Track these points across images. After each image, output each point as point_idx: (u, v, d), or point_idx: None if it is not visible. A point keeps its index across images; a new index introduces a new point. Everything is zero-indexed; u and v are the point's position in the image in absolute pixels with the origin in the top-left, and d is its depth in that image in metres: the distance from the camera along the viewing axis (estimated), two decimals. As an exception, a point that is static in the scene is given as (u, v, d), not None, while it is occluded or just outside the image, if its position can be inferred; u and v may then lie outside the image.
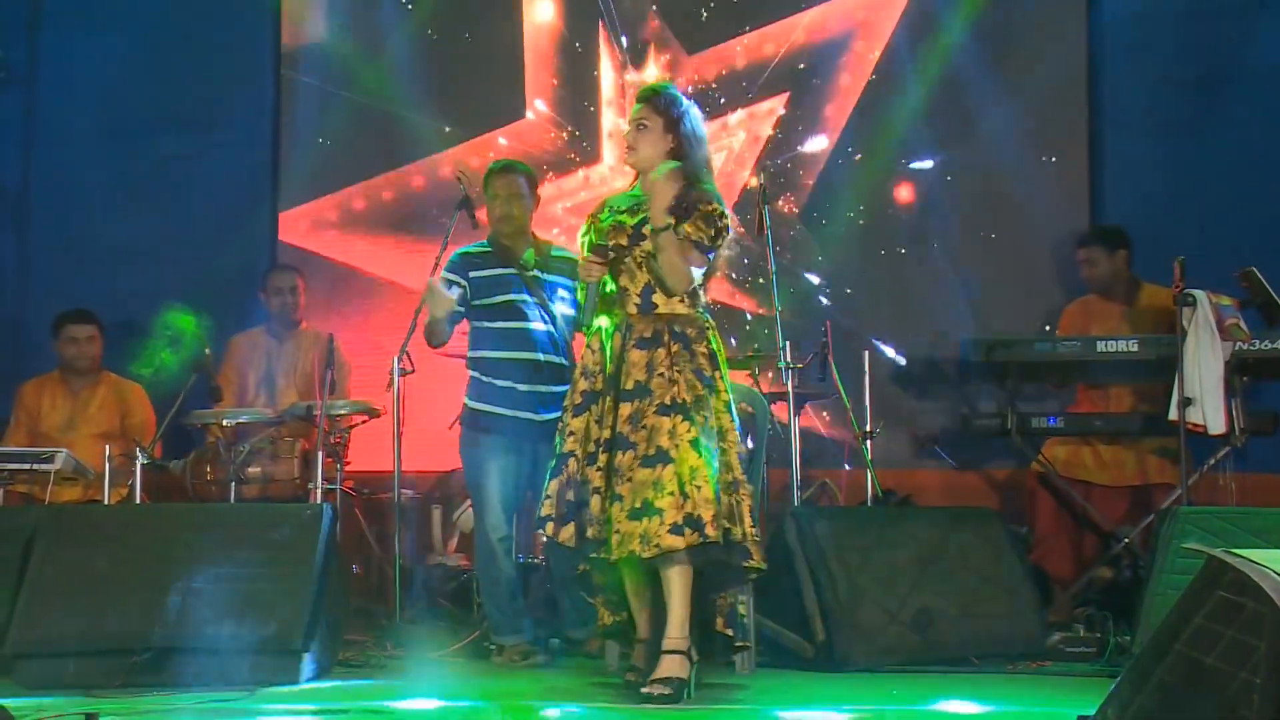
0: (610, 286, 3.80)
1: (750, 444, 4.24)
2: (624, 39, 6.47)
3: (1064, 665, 4.31)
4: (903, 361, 6.03)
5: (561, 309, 4.58)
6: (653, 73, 6.44)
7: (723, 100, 6.36)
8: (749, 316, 6.20)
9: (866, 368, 5.25)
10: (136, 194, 6.42)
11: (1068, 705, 3.22)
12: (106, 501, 5.02)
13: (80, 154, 6.47)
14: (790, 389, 4.92)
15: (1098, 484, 5.15)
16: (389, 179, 6.48)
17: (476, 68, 6.52)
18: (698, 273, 3.76)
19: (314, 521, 4.13)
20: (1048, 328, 5.77)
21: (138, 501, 5.00)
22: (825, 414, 6.00)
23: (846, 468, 5.75)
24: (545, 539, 3.81)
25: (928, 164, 6.20)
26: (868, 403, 5.23)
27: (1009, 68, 6.16)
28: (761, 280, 5.88)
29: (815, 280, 6.21)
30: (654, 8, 6.46)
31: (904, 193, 6.22)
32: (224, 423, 5.24)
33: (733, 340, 6.03)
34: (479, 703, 3.68)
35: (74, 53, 6.53)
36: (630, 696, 3.60)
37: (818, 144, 6.30)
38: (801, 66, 6.33)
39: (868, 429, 5.19)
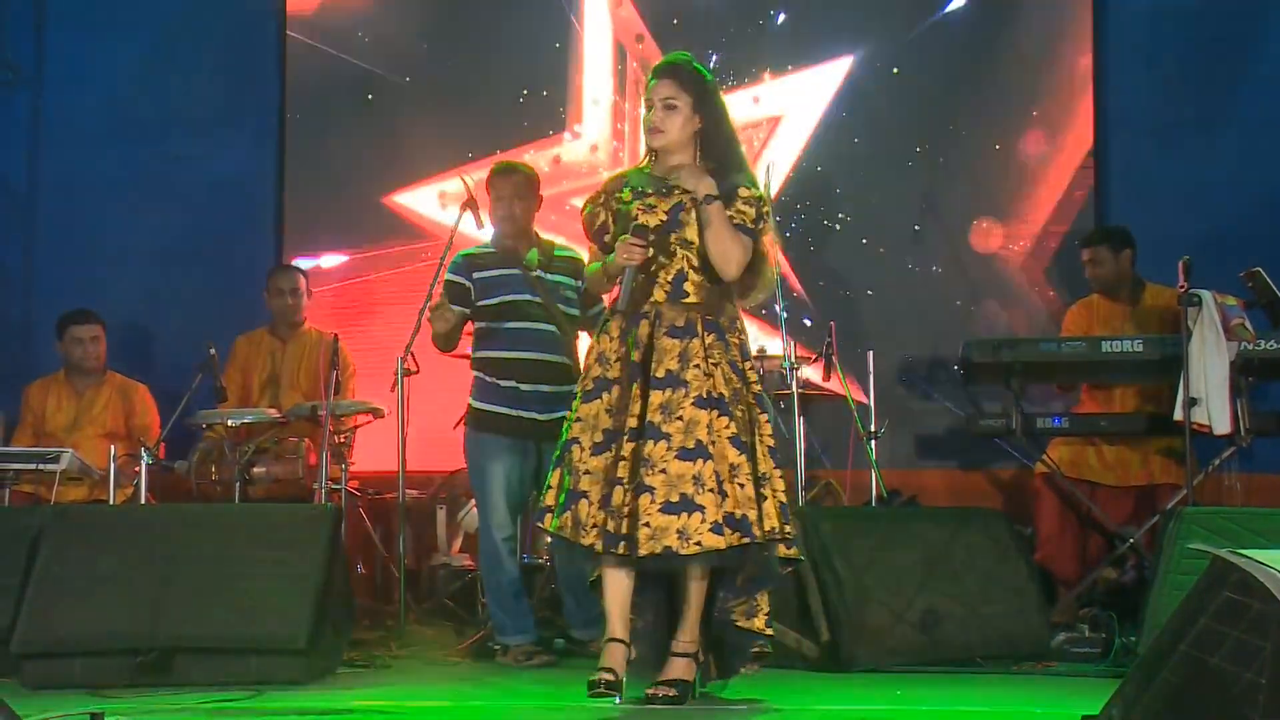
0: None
1: None
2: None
3: (1069, 666, 4.31)
4: None
5: (565, 309, 4.58)
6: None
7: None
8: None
9: (871, 368, 5.26)
10: (143, 194, 6.43)
11: (1073, 706, 3.21)
12: (112, 501, 5.03)
13: (87, 155, 6.49)
14: (794, 389, 4.93)
15: (1103, 484, 5.14)
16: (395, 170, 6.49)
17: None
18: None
19: (318, 522, 4.13)
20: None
21: (143, 501, 5.01)
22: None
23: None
24: (539, 528, 3.62)
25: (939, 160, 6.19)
26: (872, 403, 5.23)
27: (1015, 66, 6.15)
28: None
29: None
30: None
31: (907, 190, 6.21)
32: (229, 423, 5.25)
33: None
34: (483, 703, 3.69)
35: (81, 54, 6.54)
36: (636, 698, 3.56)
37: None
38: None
39: (872, 429, 5.19)
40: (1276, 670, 2.12)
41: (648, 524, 3.33)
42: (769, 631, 3.59)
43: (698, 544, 3.32)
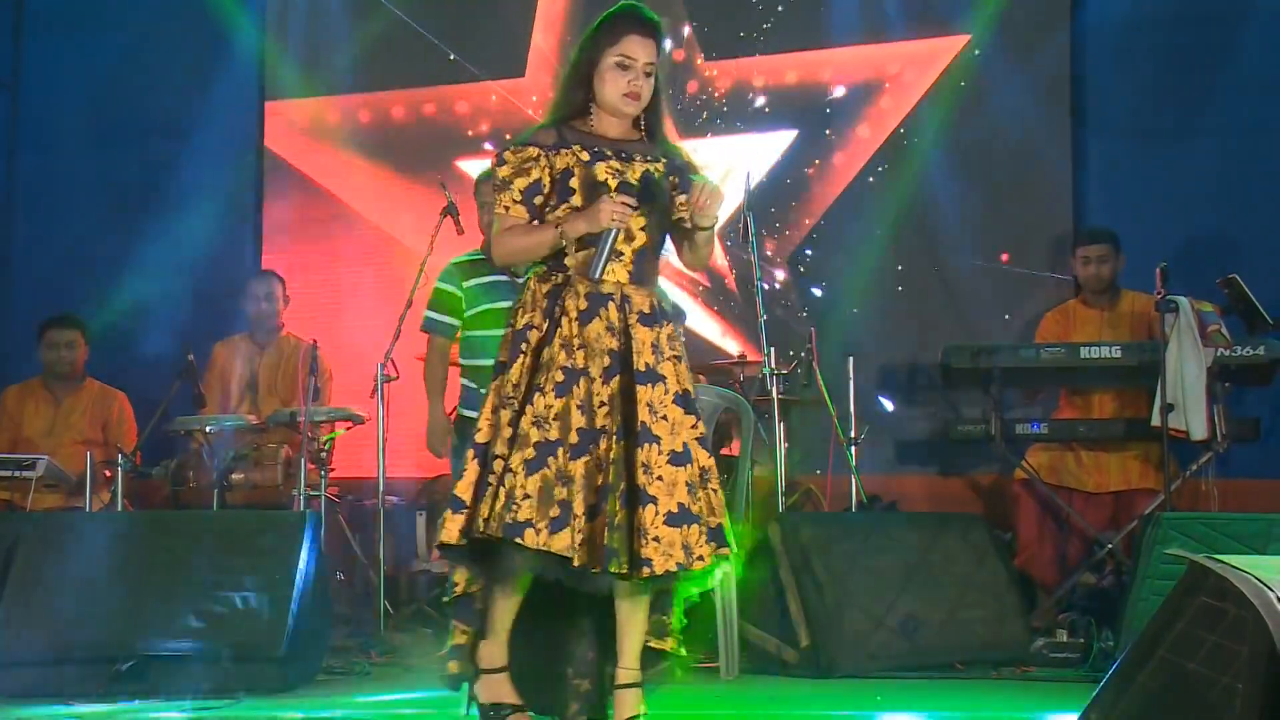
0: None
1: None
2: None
3: (1048, 670, 4.32)
4: None
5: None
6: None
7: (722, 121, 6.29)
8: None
9: (851, 374, 5.26)
10: (121, 199, 6.41)
11: (1051, 710, 3.23)
12: (88, 508, 5.00)
13: (65, 160, 6.46)
14: (774, 395, 4.93)
15: (1081, 490, 5.16)
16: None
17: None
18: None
19: (297, 528, 4.11)
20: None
21: (120, 508, 4.98)
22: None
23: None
24: (517, 547, 2.93)
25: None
26: (852, 409, 5.24)
27: (992, 74, 6.17)
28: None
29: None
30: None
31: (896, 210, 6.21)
32: (207, 429, 5.23)
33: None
34: (462, 709, 3.67)
35: (59, 58, 6.51)
36: None
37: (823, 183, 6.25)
38: (827, 110, 6.26)
39: (852, 435, 5.19)
40: (1253, 675, 2.13)
41: (657, 539, 2.93)
42: (684, 651, 3.17)
43: (700, 558, 2.98)
